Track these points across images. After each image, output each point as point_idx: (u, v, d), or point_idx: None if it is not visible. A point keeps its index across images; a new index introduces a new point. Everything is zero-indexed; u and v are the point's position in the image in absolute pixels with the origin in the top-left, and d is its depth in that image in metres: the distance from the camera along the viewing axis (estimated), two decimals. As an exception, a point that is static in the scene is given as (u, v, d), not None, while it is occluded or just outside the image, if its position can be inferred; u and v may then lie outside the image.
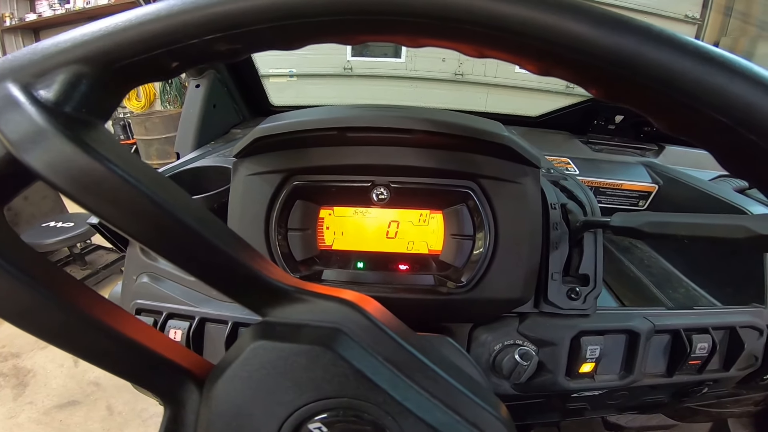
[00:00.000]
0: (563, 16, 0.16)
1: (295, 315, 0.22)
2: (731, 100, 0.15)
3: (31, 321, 0.18)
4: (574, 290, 0.48)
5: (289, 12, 0.17)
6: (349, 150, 0.43)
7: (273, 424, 0.20)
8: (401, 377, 0.21)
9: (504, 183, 0.43)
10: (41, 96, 0.17)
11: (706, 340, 0.50)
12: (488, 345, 0.48)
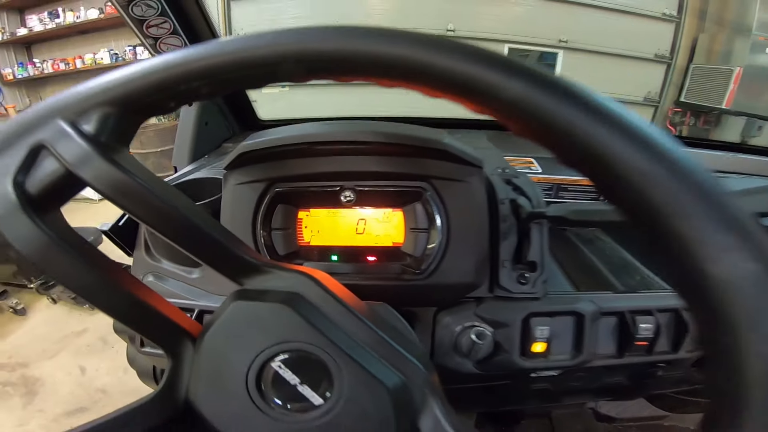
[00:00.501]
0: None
1: (264, 283, 0.29)
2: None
3: (83, 289, 0.27)
4: (523, 276, 0.53)
5: (245, 65, 0.24)
6: (320, 160, 0.52)
7: (245, 364, 0.27)
8: (342, 330, 0.27)
9: (452, 182, 0.50)
10: (84, 130, 0.24)
11: (651, 321, 0.54)
12: (450, 327, 0.54)
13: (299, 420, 0.26)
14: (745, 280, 0.17)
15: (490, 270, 0.54)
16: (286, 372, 0.27)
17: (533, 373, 0.57)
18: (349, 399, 0.26)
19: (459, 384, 0.61)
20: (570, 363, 0.54)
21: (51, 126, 0.24)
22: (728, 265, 0.18)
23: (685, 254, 0.18)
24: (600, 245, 0.74)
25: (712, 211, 0.18)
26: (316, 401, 0.26)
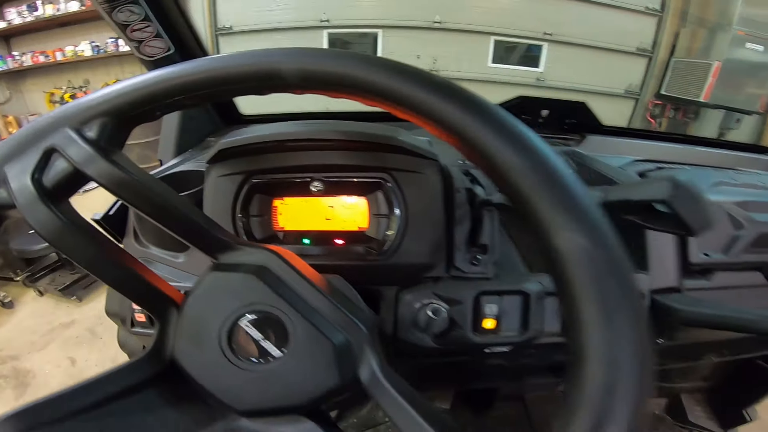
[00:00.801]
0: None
1: (236, 258, 0.35)
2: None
3: (90, 263, 0.33)
4: (476, 257, 0.59)
5: (218, 82, 0.31)
6: (292, 155, 0.57)
7: (219, 324, 0.33)
8: (299, 296, 0.34)
9: (409, 173, 0.56)
10: (88, 136, 0.31)
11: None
12: (411, 304, 0.59)
13: (261, 369, 0.32)
14: (576, 252, 0.23)
15: (447, 252, 0.59)
16: (252, 330, 0.32)
17: (487, 349, 0.62)
18: (302, 352, 0.32)
19: (423, 358, 0.67)
20: (518, 339, 0.59)
21: (60, 133, 0.31)
22: (565, 239, 0.23)
23: (541, 231, 0.24)
24: None
25: (559, 198, 0.24)
26: (275, 354, 0.32)
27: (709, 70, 3.68)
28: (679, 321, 0.60)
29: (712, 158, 1.03)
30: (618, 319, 0.23)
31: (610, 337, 0.22)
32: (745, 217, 0.69)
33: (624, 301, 0.23)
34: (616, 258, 0.24)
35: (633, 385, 0.22)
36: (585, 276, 0.23)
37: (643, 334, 0.23)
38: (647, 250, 0.64)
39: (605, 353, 0.22)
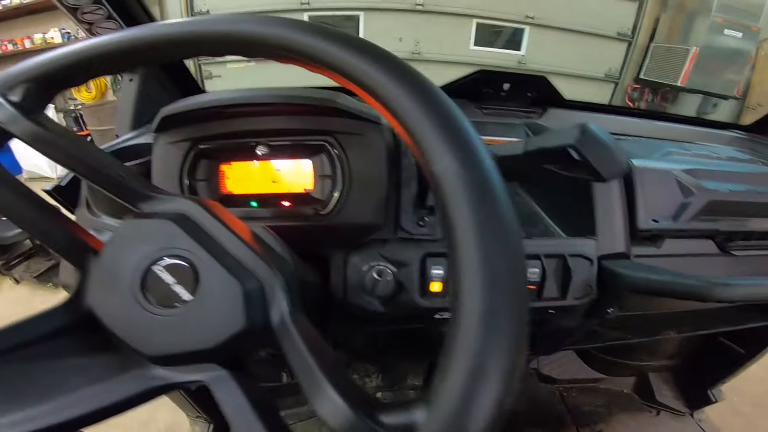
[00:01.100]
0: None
1: (157, 207, 0.35)
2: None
3: (15, 214, 0.35)
4: (423, 219, 0.59)
5: (128, 50, 0.35)
6: (237, 121, 0.58)
7: (132, 268, 0.32)
8: (216, 241, 0.34)
9: (351, 135, 0.56)
10: (12, 99, 0.34)
11: (537, 266, 0.60)
12: (358, 267, 0.59)
13: (170, 314, 0.31)
14: (449, 174, 0.23)
15: (394, 213, 0.59)
16: (165, 274, 0.32)
17: (437, 315, 0.62)
18: (211, 295, 0.31)
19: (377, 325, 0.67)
20: None
21: None
22: (441, 163, 0.23)
23: (424, 162, 0.26)
24: (516, 199, 0.80)
25: (436, 127, 0.25)
26: (186, 297, 0.31)
27: (687, 56, 3.73)
28: (625, 287, 0.61)
29: (673, 133, 1.04)
30: (491, 237, 0.23)
31: (485, 252, 0.22)
32: (695, 185, 0.69)
33: (498, 223, 0.23)
34: (488, 179, 0.25)
35: (508, 307, 0.22)
36: (457, 196, 0.23)
37: (516, 248, 0.24)
38: (595, 215, 0.65)
39: (478, 269, 0.22)
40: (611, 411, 1.56)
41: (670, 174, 0.69)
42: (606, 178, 0.33)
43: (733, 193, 0.72)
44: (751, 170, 0.81)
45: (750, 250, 0.74)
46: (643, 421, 1.54)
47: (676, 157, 0.79)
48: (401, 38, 3.96)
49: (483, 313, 0.22)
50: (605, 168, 0.33)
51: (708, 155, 0.85)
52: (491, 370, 0.22)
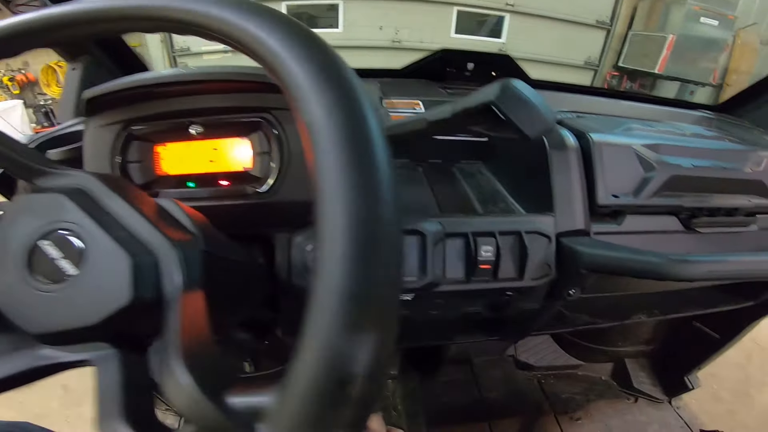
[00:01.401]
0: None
1: (53, 182, 0.33)
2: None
3: None
4: None
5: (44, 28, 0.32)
6: (170, 101, 0.55)
7: (18, 243, 0.29)
8: (110, 214, 0.31)
9: (287, 111, 0.54)
10: None
11: (491, 243, 0.58)
12: (301, 247, 0.56)
13: (56, 289, 0.29)
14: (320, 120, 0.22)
15: None
16: (51, 249, 0.29)
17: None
18: (97, 269, 0.29)
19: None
20: (417, 285, 0.56)
21: None
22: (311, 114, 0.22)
23: (298, 114, 0.23)
24: (479, 178, 0.77)
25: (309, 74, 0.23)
26: (71, 272, 0.29)
27: (664, 43, 3.75)
28: (584, 266, 0.59)
29: (640, 112, 1.02)
30: (358, 208, 0.21)
31: (351, 222, 0.20)
32: (656, 160, 0.67)
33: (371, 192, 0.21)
34: (364, 138, 0.22)
35: (371, 288, 0.20)
36: (327, 154, 0.21)
37: (388, 219, 0.22)
38: (552, 190, 0.62)
39: (338, 240, 0.20)
40: (589, 398, 1.56)
41: (630, 149, 0.67)
42: (530, 136, 0.31)
43: (697, 169, 0.70)
44: (717, 146, 0.79)
45: (715, 227, 0.72)
46: (622, 408, 1.54)
47: (638, 132, 0.77)
48: (381, 27, 3.92)
49: (340, 294, 0.20)
50: (528, 125, 0.31)
51: (672, 131, 0.83)
52: (349, 356, 0.19)
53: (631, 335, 1.50)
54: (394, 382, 1.54)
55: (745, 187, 0.74)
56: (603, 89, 1.26)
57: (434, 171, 0.80)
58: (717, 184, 0.72)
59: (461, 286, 0.59)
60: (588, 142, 0.66)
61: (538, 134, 0.31)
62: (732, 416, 1.53)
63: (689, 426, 1.46)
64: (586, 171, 0.65)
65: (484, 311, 0.67)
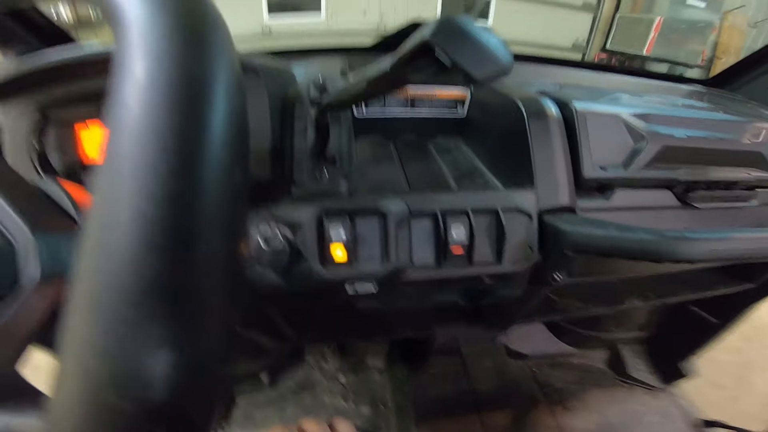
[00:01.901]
0: None
1: None
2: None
3: None
4: (320, 169, 0.49)
5: None
6: (90, 81, 0.50)
7: None
8: None
9: None
10: None
11: (464, 222, 0.51)
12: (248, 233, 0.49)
13: None
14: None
15: (289, 169, 0.50)
16: None
17: (347, 287, 0.52)
18: None
19: (287, 302, 0.57)
20: (380, 273, 0.50)
21: None
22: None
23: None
24: (456, 154, 0.71)
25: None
26: None
27: (651, 26, 3.71)
28: (569, 246, 0.52)
29: (628, 85, 0.96)
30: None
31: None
32: (646, 129, 0.61)
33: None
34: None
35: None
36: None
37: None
38: (533, 163, 0.56)
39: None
40: (584, 387, 1.51)
41: (618, 118, 0.61)
42: (477, 79, 0.25)
43: (692, 139, 0.64)
44: (712, 117, 0.73)
45: (714, 201, 0.66)
46: (618, 397, 1.49)
47: (626, 102, 0.70)
48: (365, 11, 3.83)
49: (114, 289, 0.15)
50: (475, 66, 0.25)
51: (663, 102, 0.77)
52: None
53: (625, 321, 1.45)
54: (382, 376, 1.49)
55: (743, 159, 0.68)
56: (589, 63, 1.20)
57: (407, 147, 0.73)
58: (714, 156, 0.66)
59: (431, 273, 0.52)
60: (571, 111, 0.59)
61: (489, 76, 0.25)
62: (733, 403, 1.48)
63: (687, 415, 1.42)
64: (570, 142, 0.58)
65: (462, 300, 0.60)
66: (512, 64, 0.26)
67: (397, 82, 0.32)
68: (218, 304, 0.17)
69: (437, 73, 0.27)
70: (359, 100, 0.39)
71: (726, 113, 0.77)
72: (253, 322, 0.62)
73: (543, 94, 0.64)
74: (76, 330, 0.15)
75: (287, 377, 1.47)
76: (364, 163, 0.65)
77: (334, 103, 0.42)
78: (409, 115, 0.74)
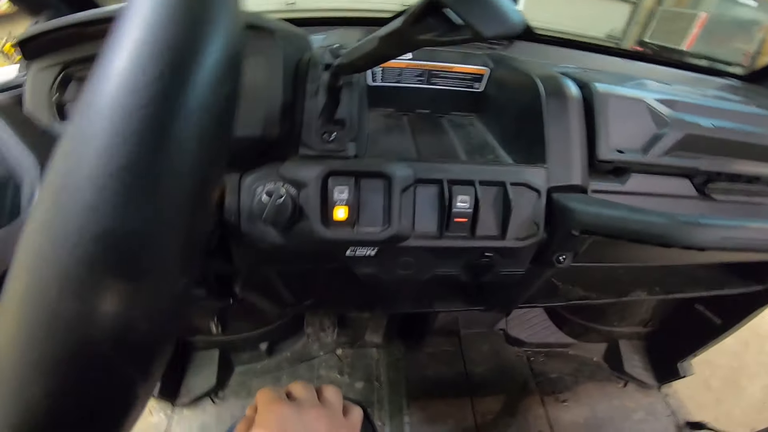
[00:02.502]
0: None
1: None
2: None
3: None
4: (329, 132, 0.49)
5: None
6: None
7: None
8: None
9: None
10: None
11: (470, 193, 0.50)
12: (252, 189, 0.49)
13: None
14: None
15: (295, 128, 0.49)
16: None
17: (350, 251, 0.52)
18: None
19: (285, 262, 0.57)
20: (380, 237, 0.49)
21: None
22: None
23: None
24: (469, 130, 0.70)
25: None
26: None
27: (695, 21, 3.56)
28: (576, 225, 0.51)
29: (657, 74, 0.92)
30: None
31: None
32: (670, 115, 0.59)
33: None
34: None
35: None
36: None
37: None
38: (546, 139, 0.54)
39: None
40: (578, 380, 1.51)
41: (642, 102, 0.58)
42: (485, 35, 0.24)
43: (718, 130, 0.61)
44: (742, 109, 0.70)
45: (733, 194, 0.64)
46: (610, 392, 1.49)
47: (652, 88, 0.67)
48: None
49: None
50: (483, 22, 0.24)
51: (692, 91, 0.74)
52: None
53: (628, 314, 1.43)
54: (378, 352, 1.51)
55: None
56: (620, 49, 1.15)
57: (420, 120, 0.72)
58: (739, 149, 0.63)
59: (433, 242, 0.52)
60: (591, 92, 0.57)
61: (497, 33, 0.25)
62: (718, 405, 1.47)
63: (675, 415, 1.41)
64: (588, 123, 0.56)
65: (462, 274, 0.60)
66: (524, 24, 0.25)
67: (409, 42, 0.31)
68: (174, 254, 0.18)
69: (447, 32, 0.27)
70: (371, 60, 0.39)
71: (758, 107, 0.73)
72: (251, 283, 0.63)
73: (565, 75, 0.62)
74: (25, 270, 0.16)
75: (285, 348, 1.50)
76: (375, 133, 0.65)
77: (346, 63, 0.42)
78: (425, 86, 0.73)
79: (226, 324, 1.01)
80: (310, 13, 3.69)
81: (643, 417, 1.41)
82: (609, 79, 0.65)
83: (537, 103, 0.56)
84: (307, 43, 0.58)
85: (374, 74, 0.71)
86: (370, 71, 0.70)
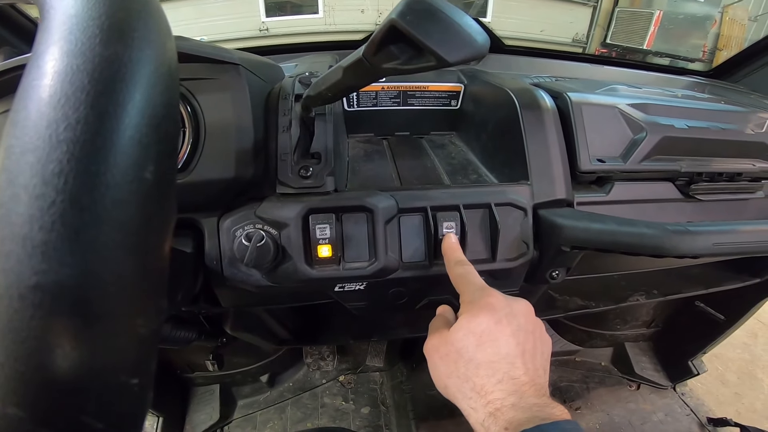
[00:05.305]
0: None
1: None
2: None
3: None
4: (305, 167, 0.47)
5: None
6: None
7: None
8: None
9: (203, 81, 0.45)
10: None
11: (455, 219, 0.49)
12: (231, 232, 0.47)
13: None
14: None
15: (270, 165, 0.48)
16: None
17: (338, 287, 0.50)
18: None
19: (275, 302, 0.55)
20: (367, 272, 0.47)
21: None
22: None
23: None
24: (450, 149, 0.69)
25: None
26: None
27: (651, 19, 3.68)
28: (565, 242, 0.50)
29: (625, 78, 0.94)
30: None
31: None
32: (645, 120, 0.59)
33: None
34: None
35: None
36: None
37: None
38: (527, 156, 0.53)
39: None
40: (588, 386, 1.48)
41: (615, 108, 0.59)
42: (449, 61, 0.24)
43: (693, 129, 0.62)
44: (713, 107, 0.71)
45: (717, 193, 0.64)
46: (623, 396, 1.44)
47: (623, 93, 0.68)
48: (363, 10, 3.81)
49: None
50: (446, 47, 0.23)
51: (662, 93, 0.75)
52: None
53: (630, 317, 1.41)
54: (381, 375, 1.47)
55: (747, 150, 0.66)
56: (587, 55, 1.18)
57: (400, 143, 0.71)
58: (716, 147, 0.63)
59: (422, 271, 0.50)
60: (566, 102, 0.57)
61: (461, 58, 0.24)
62: (738, 400, 1.45)
63: (695, 413, 1.38)
64: (565, 134, 0.56)
65: (456, 300, 0.58)
66: (488, 45, 0.24)
67: (372, 72, 0.30)
68: (120, 312, 0.16)
69: (411, 60, 0.26)
70: (338, 91, 0.38)
71: (728, 104, 0.75)
72: (241, 323, 0.61)
73: (537, 85, 0.62)
74: None
75: (286, 378, 1.46)
76: (355, 160, 0.63)
77: (314, 96, 0.41)
78: (402, 107, 0.73)
79: (222, 361, 0.98)
80: (284, 39, 3.74)
81: (663, 418, 1.37)
82: (580, 86, 0.65)
83: (514, 117, 0.55)
84: (279, 72, 0.57)
85: (350, 100, 0.70)
86: (346, 97, 0.70)
